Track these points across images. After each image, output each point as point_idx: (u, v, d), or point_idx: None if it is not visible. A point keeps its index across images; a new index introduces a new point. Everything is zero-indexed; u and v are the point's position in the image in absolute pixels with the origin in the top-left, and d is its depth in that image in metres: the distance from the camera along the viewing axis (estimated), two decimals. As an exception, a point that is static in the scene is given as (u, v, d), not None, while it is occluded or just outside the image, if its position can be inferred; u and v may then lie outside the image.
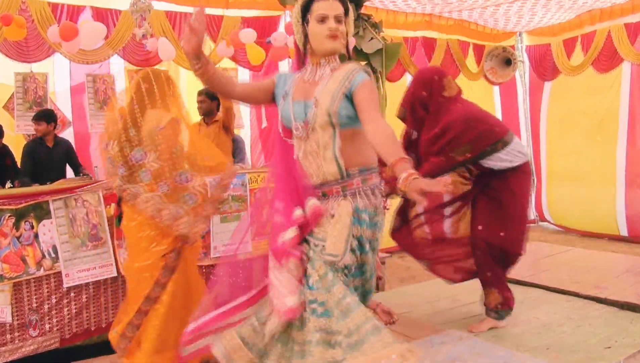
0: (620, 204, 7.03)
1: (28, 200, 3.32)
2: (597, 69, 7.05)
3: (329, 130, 2.11)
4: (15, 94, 5.26)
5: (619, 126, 7.00)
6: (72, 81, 5.65)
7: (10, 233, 3.24)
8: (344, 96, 2.08)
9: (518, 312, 3.78)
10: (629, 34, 6.76)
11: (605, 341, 3.19)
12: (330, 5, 2.11)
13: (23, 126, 5.26)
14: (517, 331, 3.43)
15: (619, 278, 4.43)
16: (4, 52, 4.94)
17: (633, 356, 2.99)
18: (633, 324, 3.46)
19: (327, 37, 2.11)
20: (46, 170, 4.73)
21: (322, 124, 2.11)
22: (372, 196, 2.17)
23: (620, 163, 7.04)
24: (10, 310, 3.25)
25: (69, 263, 3.42)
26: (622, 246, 6.52)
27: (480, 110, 3.28)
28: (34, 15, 4.90)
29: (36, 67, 5.29)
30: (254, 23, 5.82)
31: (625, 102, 6.98)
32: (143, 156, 2.73)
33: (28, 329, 3.32)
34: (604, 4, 6.56)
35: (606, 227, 7.08)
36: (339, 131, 2.11)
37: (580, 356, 3.00)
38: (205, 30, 2.25)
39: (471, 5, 6.42)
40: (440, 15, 7.06)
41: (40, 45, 5.04)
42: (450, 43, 7.41)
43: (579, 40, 7.31)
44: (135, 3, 4.65)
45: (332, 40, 2.11)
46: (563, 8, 6.55)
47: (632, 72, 6.89)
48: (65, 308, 3.46)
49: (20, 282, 3.28)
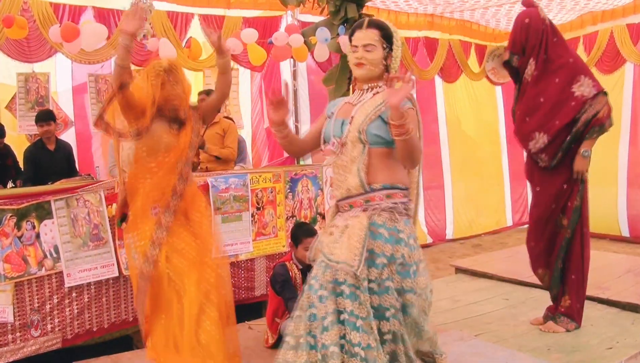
0: (622, 204, 7.03)
1: (30, 200, 3.32)
2: (601, 70, 7.04)
3: (359, 146, 2.26)
4: (18, 95, 5.27)
5: (621, 126, 7.00)
6: (74, 81, 5.66)
7: (11, 233, 3.24)
8: (378, 117, 2.25)
9: (519, 312, 3.78)
10: (631, 35, 6.76)
11: (606, 341, 3.19)
12: (362, 35, 2.30)
13: (25, 126, 5.26)
14: (519, 331, 3.43)
15: (621, 278, 4.43)
16: (5, 52, 4.95)
17: (634, 357, 2.99)
18: (635, 325, 3.45)
19: (354, 65, 2.33)
20: (48, 174, 4.68)
21: (353, 140, 2.27)
22: (395, 213, 2.24)
23: (623, 163, 7.04)
24: (12, 310, 3.25)
25: (71, 263, 3.42)
26: (624, 247, 6.51)
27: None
28: (36, 15, 4.90)
29: (38, 67, 5.29)
30: (255, 23, 5.83)
31: (627, 103, 6.98)
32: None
33: (30, 329, 3.32)
34: (606, 5, 6.55)
35: (608, 228, 7.06)
36: (368, 148, 2.26)
37: (581, 356, 3.00)
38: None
39: (473, 5, 6.42)
40: (442, 16, 7.07)
41: (42, 45, 5.04)
42: (452, 43, 7.41)
43: (581, 41, 7.30)
44: (137, 3, 4.65)
45: (357, 67, 2.31)
46: (565, 9, 6.54)
47: (635, 73, 6.89)
48: (67, 308, 3.46)
49: (22, 282, 3.28)
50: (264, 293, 4.20)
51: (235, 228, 4.08)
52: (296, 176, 4.44)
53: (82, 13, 5.19)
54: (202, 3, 5.62)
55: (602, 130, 3.26)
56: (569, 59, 3.34)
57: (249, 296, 4.22)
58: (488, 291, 4.36)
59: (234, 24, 5.81)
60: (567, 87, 3.28)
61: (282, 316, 3.40)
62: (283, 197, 4.34)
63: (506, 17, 6.97)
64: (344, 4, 4.36)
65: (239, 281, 4.16)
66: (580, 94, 3.25)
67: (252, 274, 4.22)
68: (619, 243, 6.76)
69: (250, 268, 4.21)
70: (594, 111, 3.22)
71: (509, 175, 8.21)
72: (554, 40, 3.36)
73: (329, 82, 4.67)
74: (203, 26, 4.46)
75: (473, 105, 7.89)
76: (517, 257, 4.90)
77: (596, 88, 3.25)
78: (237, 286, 4.14)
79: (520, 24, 3.43)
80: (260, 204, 4.21)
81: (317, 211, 4.49)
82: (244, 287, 4.19)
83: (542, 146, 3.35)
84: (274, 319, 3.43)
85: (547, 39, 3.35)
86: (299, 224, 3.70)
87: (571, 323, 3.36)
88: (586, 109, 3.24)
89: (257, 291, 4.24)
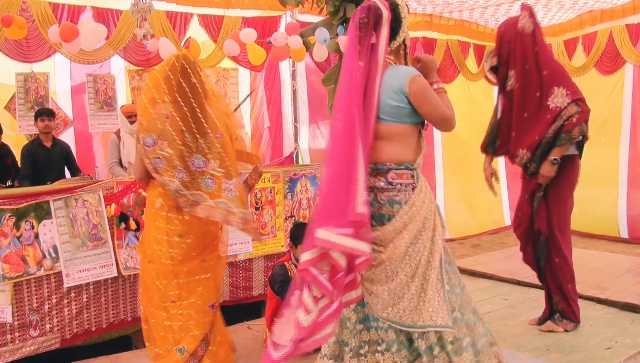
0: (622, 205, 7.02)
1: (28, 200, 3.32)
2: (601, 70, 7.04)
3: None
4: (17, 95, 5.26)
5: (621, 127, 7.00)
6: (72, 81, 5.66)
7: (10, 233, 3.24)
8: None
9: (518, 312, 3.78)
10: (630, 36, 6.75)
11: (605, 341, 3.19)
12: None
13: (25, 126, 5.26)
14: (518, 331, 3.43)
15: (620, 278, 4.44)
16: (4, 52, 4.94)
17: (633, 357, 2.99)
18: (634, 325, 3.46)
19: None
20: (45, 171, 4.72)
21: None
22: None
23: (623, 164, 7.03)
24: (11, 310, 3.24)
25: (70, 263, 3.42)
26: (623, 247, 6.51)
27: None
28: (35, 15, 4.90)
29: (37, 67, 5.29)
30: (254, 23, 5.83)
31: (628, 103, 6.98)
32: (205, 164, 2.63)
33: (28, 329, 3.32)
34: (605, 4, 6.55)
35: (607, 229, 7.07)
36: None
37: (580, 356, 3.00)
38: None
39: (472, 5, 6.42)
40: (441, 16, 7.06)
41: (41, 45, 5.03)
42: (450, 43, 7.41)
43: (580, 41, 7.30)
44: (136, 3, 4.64)
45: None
46: (564, 8, 6.54)
47: (635, 74, 6.89)
48: (66, 308, 3.46)
49: (21, 282, 3.28)
50: (262, 293, 4.20)
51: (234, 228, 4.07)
52: (295, 176, 4.44)
53: (81, 13, 5.18)
54: (202, 3, 5.61)
55: (570, 138, 3.22)
56: (545, 71, 3.31)
57: (248, 296, 4.22)
58: (487, 292, 4.37)
59: (233, 23, 5.81)
60: (543, 101, 3.29)
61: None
62: (282, 197, 4.34)
63: (505, 17, 6.96)
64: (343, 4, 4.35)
65: (237, 281, 4.16)
66: (554, 106, 3.26)
67: (251, 274, 4.23)
68: (618, 243, 6.76)
69: (249, 268, 4.21)
70: (561, 120, 3.22)
71: (506, 175, 8.20)
72: (534, 50, 3.33)
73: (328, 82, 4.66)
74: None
75: (469, 105, 7.88)
76: (516, 257, 4.86)
77: (570, 97, 3.24)
78: (236, 286, 4.15)
79: (498, 33, 3.51)
80: (259, 205, 4.21)
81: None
82: (243, 287, 4.19)
83: (526, 162, 3.39)
84: (273, 319, 3.42)
85: (525, 49, 3.34)
86: (298, 224, 3.70)
87: (570, 323, 3.36)
88: (556, 119, 3.24)
89: (255, 291, 4.24)
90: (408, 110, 2.36)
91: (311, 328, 2.17)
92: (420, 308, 2.28)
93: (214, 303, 2.81)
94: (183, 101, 2.63)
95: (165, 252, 2.68)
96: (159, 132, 2.62)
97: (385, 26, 2.34)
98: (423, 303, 2.28)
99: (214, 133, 2.65)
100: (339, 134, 2.29)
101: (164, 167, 2.60)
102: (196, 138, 2.63)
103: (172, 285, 2.70)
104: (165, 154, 2.60)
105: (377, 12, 2.34)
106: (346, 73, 2.34)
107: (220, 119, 2.70)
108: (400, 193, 2.36)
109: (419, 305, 2.29)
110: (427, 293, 2.30)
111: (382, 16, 2.34)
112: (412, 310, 2.28)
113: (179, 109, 2.62)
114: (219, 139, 2.66)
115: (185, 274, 2.70)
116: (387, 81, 2.36)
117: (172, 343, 2.69)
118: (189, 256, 2.71)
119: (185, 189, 2.60)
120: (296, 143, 6.58)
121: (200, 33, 5.71)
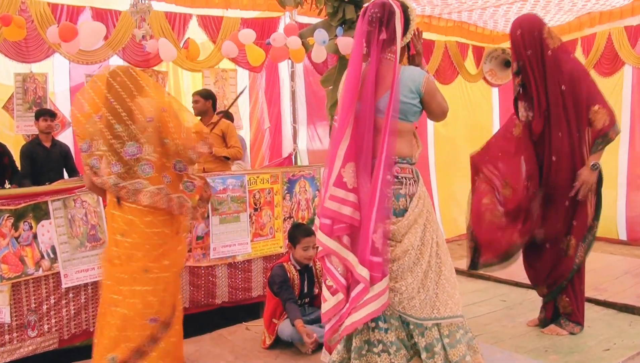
0: (621, 207, 7.03)
1: (27, 200, 3.31)
2: (600, 72, 7.04)
3: None
4: (15, 95, 5.26)
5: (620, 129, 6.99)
6: (71, 81, 5.65)
7: (9, 233, 3.23)
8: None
9: (517, 314, 3.78)
10: (629, 37, 6.76)
11: (604, 343, 3.19)
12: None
13: (23, 126, 5.26)
14: (516, 332, 3.43)
15: (618, 280, 4.44)
16: (3, 52, 4.94)
17: (632, 358, 2.99)
18: (632, 326, 3.46)
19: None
20: (44, 171, 4.72)
21: None
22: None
23: (622, 165, 7.03)
24: (9, 310, 3.23)
25: (68, 264, 3.41)
26: (621, 249, 6.52)
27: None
28: (34, 15, 4.90)
29: (36, 67, 5.29)
30: (253, 24, 5.83)
31: (627, 105, 6.98)
32: (139, 150, 2.68)
33: (27, 330, 3.31)
34: (603, 6, 6.56)
35: (605, 230, 7.04)
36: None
37: (579, 358, 3.00)
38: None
39: (470, 6, 6.42)
40: (440, 17, 7.07)
41: (39, 45, 5.03)
42: (449, 45, 7.42)
43: (579, 43, 7.30)
44: (135, 4, 4.64)
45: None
46: (562, 10, 6.55)
47: (634, 76, 6.89)
48: (64, 309, 3.45)
49: (19, 283, 3.27)
50: (261, 294, 4.20)
51: (233, 229, 4.07)
52: (294, 177, 4.44)
53: (80, 13, 5.18)
54: (200, 4, 5.61)
55: (607, 141, 3.31)
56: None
57: (247, 297, 4.22)
58: (485, 293, 4.37)
59: (232, 24, 5.81)
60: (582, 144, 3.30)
61: (280, 317, 3.39)
62: (281, 198, 4.34)
63: (504, 18, 6.97)
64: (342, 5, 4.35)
65: (236, 282, 4.16)
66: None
67: (250, 275, 4.22)
68: (616, 245, 6.76)
69: (247, 269, 4.21)
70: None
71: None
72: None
73: (327, 83, 4.66)
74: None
75: (467, 107, 7.88)
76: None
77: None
78: (235, 287, 4.14)
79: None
80: (258, 205, 4.21)
81: (314, 213, 4.49)
82: (242, 288, 4.19)
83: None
84: (272, 320, 3.42)
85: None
86: (296, 225, 3.70)
87: (577, 326, 3.33)
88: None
89: (254, 292, 4.24)
90: (417, 108, 2.52)
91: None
92: (434, 301, 2.41)
93: (156, 318, 2.74)
94: (113, 97, 2.69)
95: (113, 251, 2.74)
96: (91, 135, 2.70)
97: (399, 24, 2.43)
98: (436, 296, 2.42)
99: (144, 117, 2.70)
100: (335, 130, 2.45)
101: (101, 166, 2.68)
102: (127, 125, 2.68)
103: (115, 288, 2.71)
104: (100, 153, 2.68)
105: (391, 9, 2.42)
106: (352, 66, 2.43)
107: (153, 105, 2.73)
108: (404, 187, 2.47)
109: (435, 297, 2.42)
110: (440, 284, 2.44)
111: (395, 14, 2.42)
112: (429, 302, 2.41)
113: (109, 105, 2.69)
114: (151, 123, 2.70)
115: (127, 282, 2.69)
116: (403, 80, 2.46)
117: (108, 349, 2.69)
118: (133, 256, 2.70)
119: (123, 181, 2.65)
120: (295, 144, 6.59)
121: (199, 34, 5.71)
